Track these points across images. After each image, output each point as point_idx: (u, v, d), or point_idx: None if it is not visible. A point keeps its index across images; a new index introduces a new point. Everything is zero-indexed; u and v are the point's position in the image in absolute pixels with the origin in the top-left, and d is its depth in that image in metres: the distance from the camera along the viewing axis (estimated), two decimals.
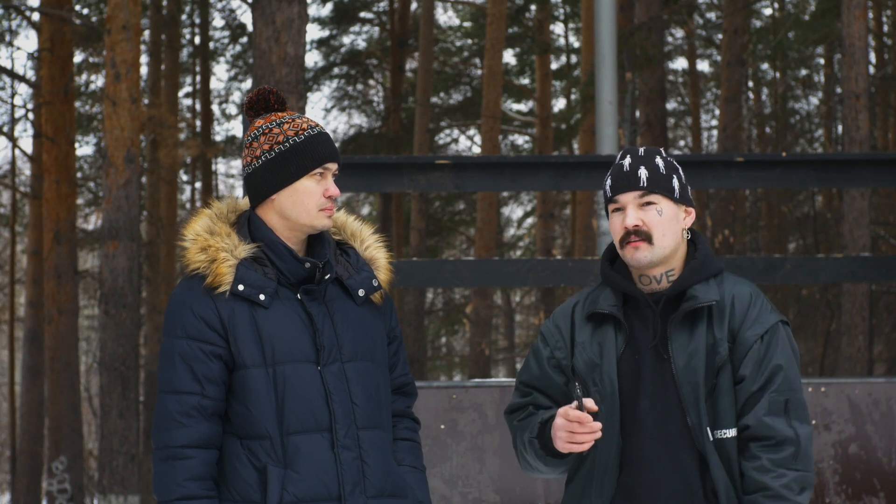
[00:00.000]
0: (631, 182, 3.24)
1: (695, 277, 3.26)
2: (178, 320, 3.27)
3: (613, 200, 3.26)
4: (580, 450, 3.12)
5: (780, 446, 3.17)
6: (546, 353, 3.36)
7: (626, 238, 3.23)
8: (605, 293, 3.32)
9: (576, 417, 3.10)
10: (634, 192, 3.23)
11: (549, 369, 3.34)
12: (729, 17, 19.05)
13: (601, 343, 3.28)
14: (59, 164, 18.02)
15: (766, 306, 3.29)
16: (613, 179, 3.27)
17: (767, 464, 3.16)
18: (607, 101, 8.15)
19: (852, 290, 12.86)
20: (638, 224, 3.22)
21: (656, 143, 16.50)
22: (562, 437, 3.14)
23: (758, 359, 3.21)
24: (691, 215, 3.31)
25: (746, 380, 3.20)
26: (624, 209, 3.25)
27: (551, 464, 3.24)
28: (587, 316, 3.32)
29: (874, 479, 5.17)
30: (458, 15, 28.43)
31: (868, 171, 6.31)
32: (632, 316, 3.29)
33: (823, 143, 24.37)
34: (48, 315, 18.00)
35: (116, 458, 13.09)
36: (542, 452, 3.23)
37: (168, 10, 23.00)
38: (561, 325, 3.36)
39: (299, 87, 8.94)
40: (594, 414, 3.14)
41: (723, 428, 3.20)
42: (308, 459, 3.21)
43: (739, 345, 3.22)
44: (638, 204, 3.24)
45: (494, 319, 30.16)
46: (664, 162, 3.29)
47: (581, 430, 3.10)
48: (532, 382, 3.38)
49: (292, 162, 3.29)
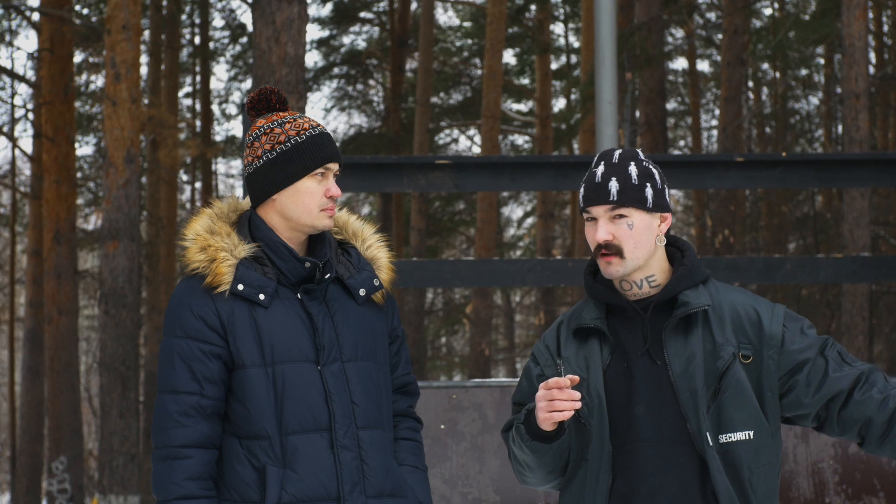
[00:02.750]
0: (601, 195, 3.23)
1: (684, 283, 3.26)
2: (177, 320, 3.26)
3: (585, 210, 3.27)
4: (560, 418, 3.10)
5: (869, 377, 3.23)
6: (536, 371, 3.37)
7: (597, 251, 3.25)
8: (588, 307, 3.33)
9: (554, 384, 3.09)
10: (605, 206, 3.23)
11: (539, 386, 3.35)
12: (729, 17, 19.05)
13: (586, 357, 3.28)
14: (59, 164, 18.02)
15: (765, 302, 3.32)
16: (586, 190, 3.26)
17: (877, 394, 3.21)
18: (607, 101, 8.14)
19: (852, 290, 12.86)
20: (608, 238, 3.22)
21: (656, 143, 16.51)
22: (542, 406, 3.13)
23: (807, 346, 3.25)
24: (667, 221, 3.30)
25: (828, 388, 3.24)
26: (596, 220, 3.25)
27: (537, 450, 3.22)
28: (573, 332, 3.33)
29: (874, 479, 5.17)
30: (458, 15, 28.44)
31: (868, 171, 6.31)
32: (617, 325, 3.29)
33: (823, 143, 24.38)
34: (48, 315, 18.00)
35: (116, 458, 13.09)
36: (527, 437, 3.22)
37: (168, 10, 23.00)
38: (549, 345, 3.38)
39: (299, 87, 8.94)
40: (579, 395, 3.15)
41: (729, 432, 3.19)
42: (307, 459, 3.21)
43: (787, 348, 3.25)
44: (609, 217, 3.23)
45: (494, 319, 30.16)
46: (638, 169, 3.26)
47: (560, 397, 3.09)
48: (525, 401, 3.38)
49: (294, 162, 3.29)
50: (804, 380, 3.23)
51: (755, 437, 3.21)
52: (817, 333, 3.31)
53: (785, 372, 3.24)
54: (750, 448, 3.21)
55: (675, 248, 3.34)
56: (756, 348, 3.24)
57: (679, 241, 3.36)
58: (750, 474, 3.20)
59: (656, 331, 3.25)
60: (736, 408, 3.20)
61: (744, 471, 3.19)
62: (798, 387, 3.24)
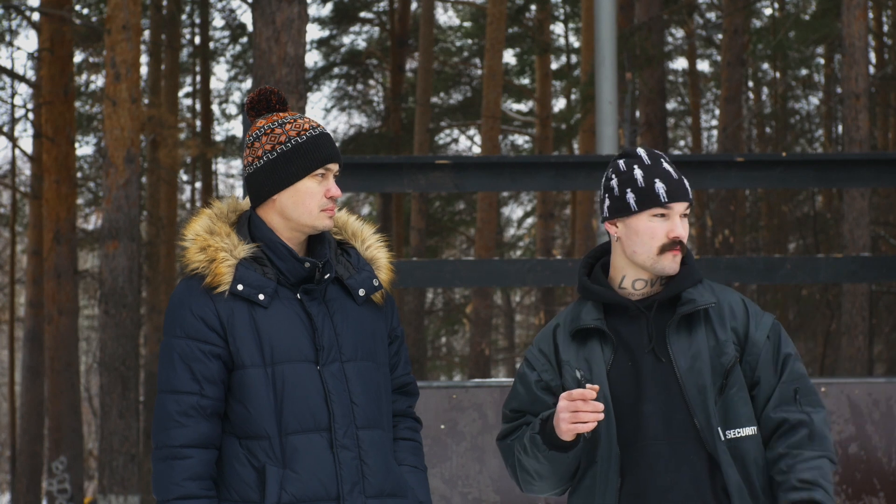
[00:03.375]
0: (681, 192, 3.27)
1: (687, 282, 3.28)
2: (177, 320, 3.26)
3: (666, 206, 3.26)
4: (585, 429, 3.11)
5: (794, 430, 3.22)
6: (533, 377, 3.35)
7: (669, 246, 3.25)
8: (585, 308, 3.32)
9: (579, 395, 3.10)
10: (685, 203, 3.28)
11: (539, 391, 3.33)
12: (729, 17, 19.05)
13: (588, 359, 3.28)
14: (59, 164, 18.02)
15: (758, 309, 3.35)
16: (667, 184, 3.26)
17: (783, 449, 3.20)
18: (607, 101, 8.14)
19: (852, 290, 12.86)
20: (686, 234, 3.28)
21: (656, 143, 16.51)
22: (565, 417, 3.12)
23: (771, 356, 3.26)
24: None
25: (763, 379, 3.25)
26: (667, 216, 3.26)
27: (554, 459, 3.21)
28: (572, 334, 3.32)
29: (874, 479, 5.17)
30: (458, 15, 28.45)
31: (868, 171, 6.31)
32: (618, 325, 3.29)
33: (823, 143, 24.38)
34: (48, 315, 18.00)
35: (116, 458, 13.09)
36: (544, 447, 3.21)
37: (168, 10, 23.00)
38: (544, 349, 3.36)
39: (299, 87, 8.94)
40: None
41: (736, 427, 3.21)
42: (306, 459, 3.21)
43: (752, 346, 3.26)
44: (681, 213, 3.28)
45: (494, 319, 30.16)
46: (672, 167, 3.34)
47: (585, 409, 3.10)
48: (522, 407, 3.36)
49: (294, 162, 3.29)
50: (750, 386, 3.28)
51: (758, 432, 3.25)
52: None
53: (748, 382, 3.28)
54: (755, 443, 3.23)
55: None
56: (741, 349, 3.28)
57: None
58: (757, 469, 3.22)
59: (660, 328, 3.26)
60: (742, 403, 3.23)
61: (751, 466, 3.21)
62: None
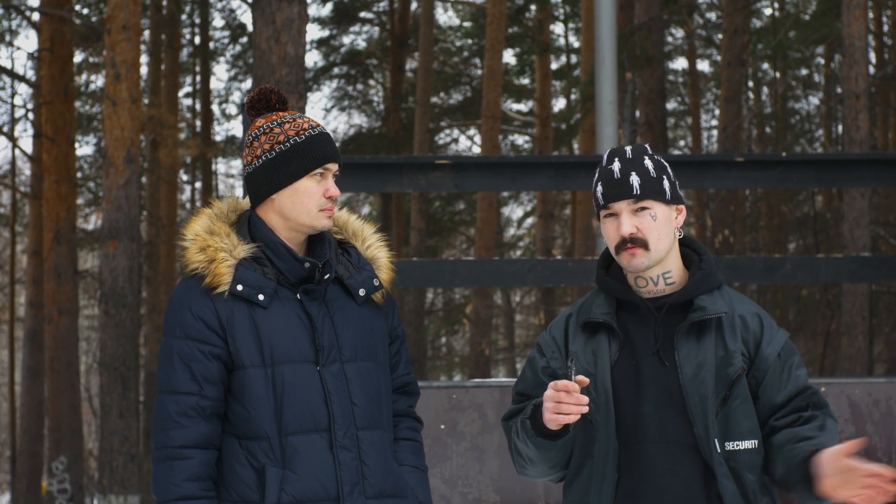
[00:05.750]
0: (624, 189, 3.21)
1: (701, 288, 3.24)
2: (176, 320, 3.26)
3: (606, 207, 3.25)
4: (566, 421, 3.08)
5: (807, 421, 3.20)
6: (542, 362, 3.35)
7: (622, 245, 3.22)
8: (598, 301, 3.31)
9: (563, 386, 3.07)
10: (628, 200, 3.22)
11: (545, 378, 3.32)
12: (729, 17, 19.05)
13: (594, 352, 3.26)
14: (59, 164, 18.02)
15: (773, 323, 3.31)
16: (605, 186, 3.24)
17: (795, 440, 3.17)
18: (607, 101, 8.14)
19: (852, 290, 12.86)
20: (633, 231, 3.21)
21: (656, 143, 16.50)
22: (549, 407, 3.11)
23: (779, 374, 3.22)
24: (682, 213, 3.31)
25: (769, 395, 3.22)
26: (618, 215, 3.23)
27: (542, 446, 3.20)
28: (581, 325, 3.31)
29: None
30: (458, 15, 28.44)
31: (868, 171, 6.31)
32: (627, 321, 3.27)
33: (823, 143, 24.38)
34: (48, 315, 18.00)
35: (116, 458, 13.09)
36: (532, 433, 3.20)
37: (168, 10, 23.00)
38: (556, 336, 3.35)
39: (299, 87, 8.94)
40: (585, 394, 3.14)
41: (736, 440, 3.19)
42: (306, 460, 3.20)
43: (761, 361, 3.23)
44: (631, 210, 3.22)
45: (494, 319, 30.15)
46: (653, 163, 3.27)
47: (567, 401, 3.07)
48: (528, 391, 3.36)
49: (293, 162, 3.28)
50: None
51: (759, 445, 3.22)
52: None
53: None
54: (755, 456, 3.21)
55: (692, 251, 3.33)
56: (750, 362, 3.24)
57: (696, 243, 3.35)
58: (754, 480, 3.20)
59: (668, 332, 3.24)
60: (744, 416, 3.20)
61: (747, 476, 3.19)
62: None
